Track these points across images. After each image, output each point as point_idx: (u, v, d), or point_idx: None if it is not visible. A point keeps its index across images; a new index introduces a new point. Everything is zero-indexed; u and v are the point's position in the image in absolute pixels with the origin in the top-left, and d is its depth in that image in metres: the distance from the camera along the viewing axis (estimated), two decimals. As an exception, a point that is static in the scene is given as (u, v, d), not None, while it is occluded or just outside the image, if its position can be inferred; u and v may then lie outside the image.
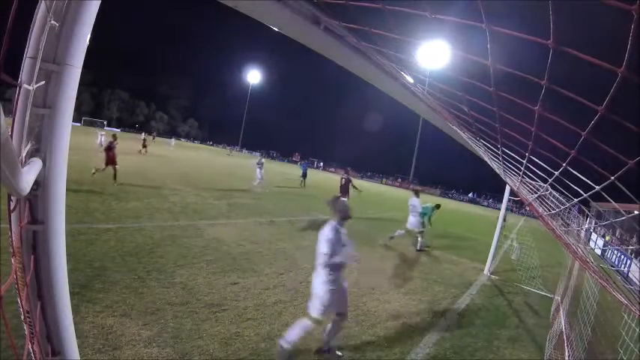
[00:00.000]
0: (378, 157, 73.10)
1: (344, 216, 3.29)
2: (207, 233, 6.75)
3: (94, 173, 10.18)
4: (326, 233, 3.11)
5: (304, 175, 21.47)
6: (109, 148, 10.57)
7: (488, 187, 49.66)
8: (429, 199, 10.71)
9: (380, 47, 1.79)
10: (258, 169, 15.50)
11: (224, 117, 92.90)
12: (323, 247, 3.06)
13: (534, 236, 11.13)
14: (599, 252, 17.39)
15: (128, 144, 25.61)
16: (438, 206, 9.85)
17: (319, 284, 3.16)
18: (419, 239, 9.07)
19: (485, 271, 8.06)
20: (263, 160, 16.29)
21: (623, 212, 1.51)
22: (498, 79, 1.10)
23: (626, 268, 13.13)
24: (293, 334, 3.15)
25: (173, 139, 46.82)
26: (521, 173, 2.06)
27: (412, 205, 9.01)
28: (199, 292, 4.15)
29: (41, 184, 0.95)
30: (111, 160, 10.53)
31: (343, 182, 11.92)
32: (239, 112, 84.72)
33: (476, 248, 10.92)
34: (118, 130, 62.32)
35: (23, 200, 0.94)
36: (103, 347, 2.83)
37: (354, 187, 12.10)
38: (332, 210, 3.34)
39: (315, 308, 3.16)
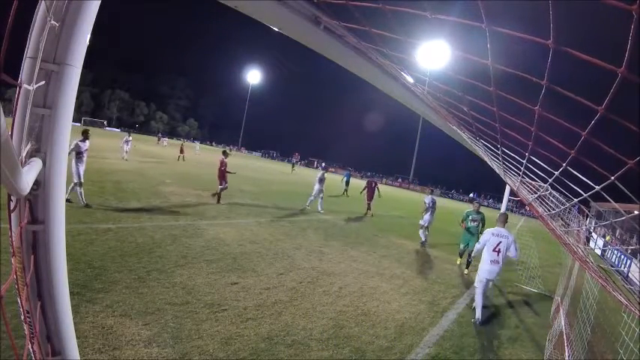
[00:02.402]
0: (378, 157, 73.31)
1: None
2: (208, 233, 6.75)
3: (214, 195, 10.35)
4: (513, 237, 5.15)
5: (347, 184, 20.87)
6: (222, 164, 10.31)
7: (488, 187, 49.80)
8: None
9: (380, 47, 1.79)
10: (317, 186, 12.25)
11: (224, 117, 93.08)
12: (515, 246, 5.09)
13: (534, 236, 11.12)
14: (599, 252, 17.38)
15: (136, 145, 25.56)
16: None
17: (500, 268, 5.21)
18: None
19: (485, 271, 8.04)
20: (326, 175, 12.85)
21: (623, 212, 1.51)
22: (498, 79, 1.10)
23: (626, 268, 13.13)
24: (480, 305, 5.04)
25: (197, 143, 43.34)
26: (521, 173, 2.07)
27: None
28: (199, 292, 4.15)
29: (41, 184, 0.95)
30: (222, 178, 10.23)
31: (373, 186, 14.43)
32: (239, 112, 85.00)
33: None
34: (118, 129, 62.16)
35: (23, 200, 0.94)
36: (103, 347, 2.83)
37: (378, 190, 14.59)
38: (503, 220, 5.35)
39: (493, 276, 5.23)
